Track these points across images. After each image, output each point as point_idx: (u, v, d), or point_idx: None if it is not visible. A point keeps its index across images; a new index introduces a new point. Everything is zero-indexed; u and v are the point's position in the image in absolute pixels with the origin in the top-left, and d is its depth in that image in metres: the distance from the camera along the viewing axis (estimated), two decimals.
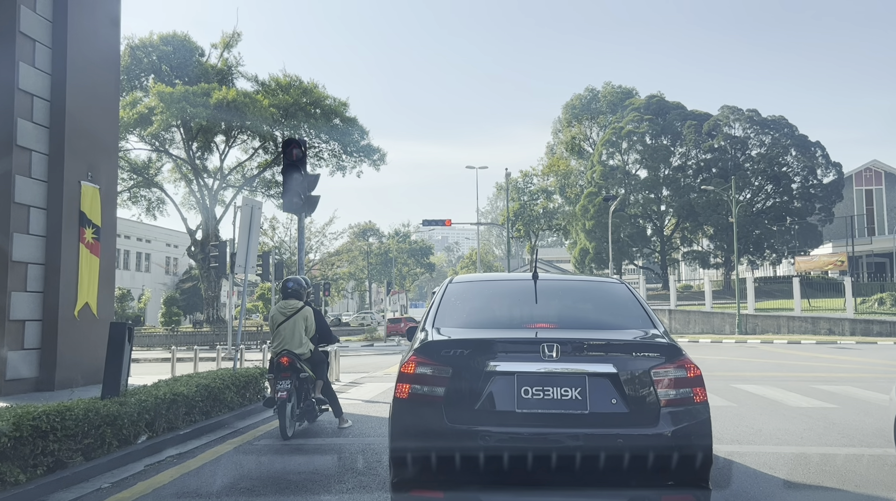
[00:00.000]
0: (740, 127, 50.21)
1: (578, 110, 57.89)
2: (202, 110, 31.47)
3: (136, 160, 39.83)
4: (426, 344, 3.82)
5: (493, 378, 3.64)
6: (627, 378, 3.67)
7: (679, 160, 51.36)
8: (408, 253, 72.51)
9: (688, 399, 3.71)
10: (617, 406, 3.63)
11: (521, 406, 3.60)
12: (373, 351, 27.78)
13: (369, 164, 39.02)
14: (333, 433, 7.10)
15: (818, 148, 48.58)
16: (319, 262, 54.24)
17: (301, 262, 11.42)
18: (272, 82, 36.94)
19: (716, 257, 51.68)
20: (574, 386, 3.64)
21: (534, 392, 3.62)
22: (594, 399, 3.62)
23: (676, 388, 3.71)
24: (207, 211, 38.49)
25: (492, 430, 3.55)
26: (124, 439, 5.51)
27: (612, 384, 3.66)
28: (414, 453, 3.62)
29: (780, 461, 5.74)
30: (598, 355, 3.73)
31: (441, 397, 3.63)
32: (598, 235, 50.12)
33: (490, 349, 3.74)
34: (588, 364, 3.68)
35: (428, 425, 3.61)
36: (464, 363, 3.68)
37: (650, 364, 3.72)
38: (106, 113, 12.45)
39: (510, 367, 3.65)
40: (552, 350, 3.69)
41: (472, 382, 3.64)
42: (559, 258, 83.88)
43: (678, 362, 3.75)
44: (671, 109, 52.74)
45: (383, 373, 15.70)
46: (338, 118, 37.50)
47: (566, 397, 3.62)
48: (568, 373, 3.65)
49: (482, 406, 3.61)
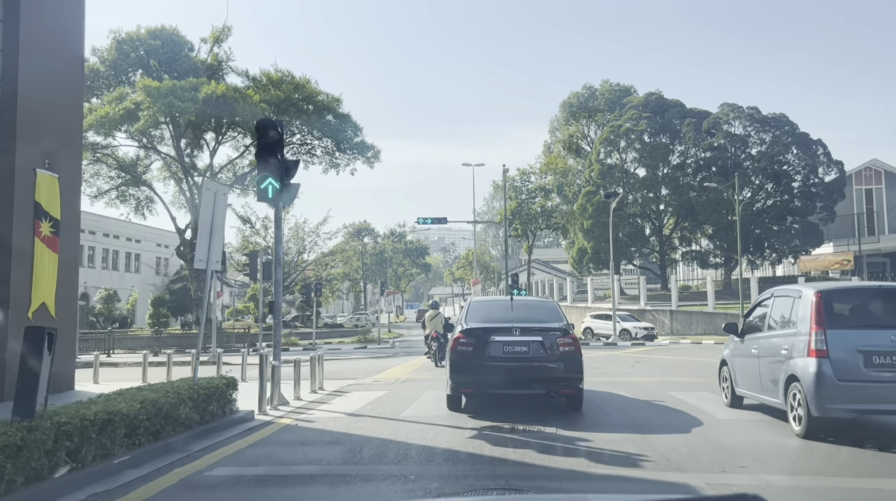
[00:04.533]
0: (740, 125, 49.37)
1: (576, 108, 56.98)
2: (190, 105, 30.41)
3: (125, 158, 38.77)
4: (464, 329, 9.29)
5: (491, 343, 9.01)
6: (547, 343, 9.06)
7: (678, 159, 50.54)
8: (403, 253, 71.54)
9: (572, 352, 9.08)
10: (542, 355, 8.97)
11: (504, 354, 8.98)
12: (365, 354, 26.71)
13: (363, 161, 38.00)
14: (310, 460, 6.14)
15: (819, 146, 47.73)
16: (313, 262, 53.20)
17: (278, 256, 10.44)
18: (263, 77, 35.88)
19: (716, 257, 50.83)
20: (525, 346, 9.01)
21: (508, 349, 8.98)
22: (533, 352, 9.01)
23: (567, 347, 9.06)
24: (196, 209, 37.43)
25: (490, 364, 8.89)
26: (35, 473, 4.48)
27: (540, 345, 9.04)
28: (460, 374, 9.12)
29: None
30: (535, 333, 9.10)
31: (471, 350, 9.03)
32: (597, 234, 49.21)
33: (490, 331, 9.14)
34: (531, 336, 9.06)
35: (465, 361, 9.06)
36: (479, 336, 9.11)
37: (556, 336, 9.13)
38: (68, 97, 11.44)
39: (499, 338, 9.04)
40: (517, 332, 9.07)
41: (483, 344, 9.02)
42: (556, 259, 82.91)
43: (569, 336, 9.18)
44: (670, 106, 51.89)
45: (372, 380, 14.52)
46: (331, 114, 36.47)
47: (522, 351, 8.99)
48: (523, 341, 9.02)
49: (487, 354, 8.96)
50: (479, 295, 40.21)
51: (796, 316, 8.02)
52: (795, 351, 7.81)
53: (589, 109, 56.82)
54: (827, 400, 7.26)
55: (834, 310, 7.74)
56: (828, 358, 7.40)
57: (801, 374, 7.57)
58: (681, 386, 12.37)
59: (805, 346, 7.62)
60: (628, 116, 50.61)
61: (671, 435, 7.35)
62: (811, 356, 7.48)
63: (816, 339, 7.48)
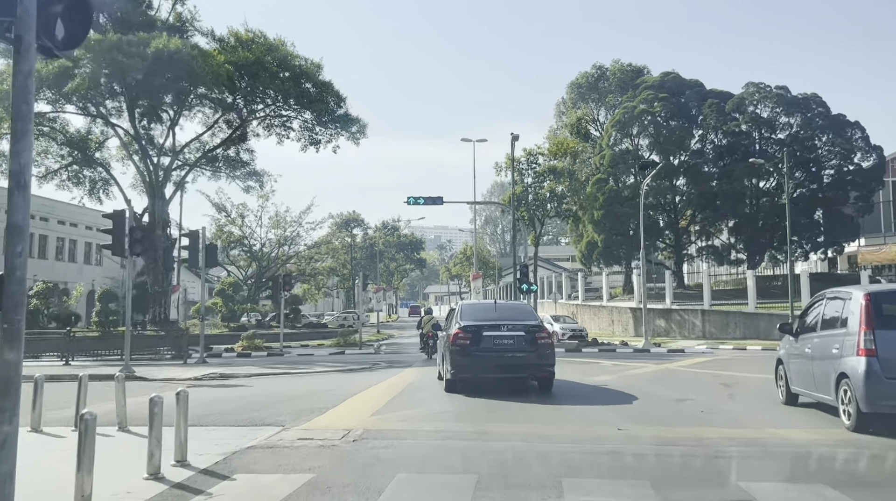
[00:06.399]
0: (768, 105, 44.82)
1: (585, 89, 52.42)
2: (138, 62, 25.59)
3: (74, 133, 33.98)
4: (462, 326, 12.17)
5: (484, 337, 12.01)
6: (527, 336, 12.14)
7: (697, 144, 46.04)
8: (396, 247, 66.62)
9: (547, 344, 12.39)
10: (524, 346, 12.07)
11: (494, 346, 12.04)
12: (336, 364, 20.67)
13: (347, 137, 33.27)
14: None
15: (857, 129, 43.25)
16: (295, 255, 48.45)
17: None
18: (231, 38, 31.13)
19: (738, 252, 46.32)
20: (511, 339, 12.08)
21: (498, 342, 12.04)
22: (517, 343, 12.08)
23: (543, 340, 12.27)
24: (156, 191, 32.65)
25: (483, 354, 11.98)
26: None
27: (523, 338, 12.12)
28: (459, 363, 11.98)
29: None
30: (518, 329, 12.23)
31: (468, 343, 11.94)
32: (608, 226, 44.64)
33: (482, 327, 12.15)
34: (514, 332, 12.15)
35: (463, 352, 11.98)
36: (474, 332, 12.07)
37: (535, 331, 12.28)
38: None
39: (489, 333, 12.05)
40: (504, 328, 12.21)
41: (476, 339, 11.99)
42: (557, 256, 78.54)
43: (544, 331, 12.60)
44: (688, 87, 47.37)
45: (298, 438, 8.06)
46: (310, 83, 31.75)
47: (509, 342, 12.07)
48: (508, 335, 12.10)
49: (480, 346, 11.97)
50: (479, 291, 35.67)
51: (847, 317, 8.46)
52: (846, 350, 8.32)
53: (598, 90, 52.24)
54: (875, 397, 7.79)
55: (883, 311, 8.14)
56: (876, 357, 7.92)
57: (851, 372, 8.10)
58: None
59: (855, 345, 8.12)
60: (642, 97, 45.99)
61: None
62: (860, 355, 8.01)
63: (865, 339, 8.02)
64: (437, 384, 13.79)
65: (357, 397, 12.29)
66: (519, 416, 9.95)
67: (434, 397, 12.03)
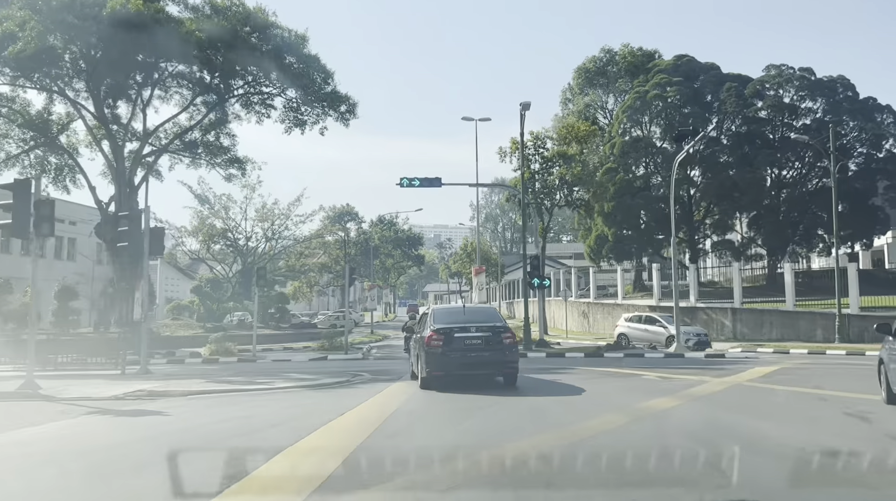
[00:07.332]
0: (790, 89, 41.70)
1: (593, 74, 49.22)
2: (92, 25, 22.43)
3: (37, 116, 30.82)
4: (434, 329, 13.33)
5: (454, 338, 13.21)
6: (493, 337, 13.46)
7: (713, 131, 42.91)
8: (393, 243, 63.38)
9: (512, 343, 13.75)
10: (491, 345, 13.39)
11: (464, 346, 13.31)
12: (311, 375, 16.24)
13: (336, 118, 30.04)
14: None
15: (888, 113, 40.18)
16: (283, 250, 45.29)
17: None
18: (206, 6, 27.94)
19: (758, 247, 43.27)
20: (478, 340, 13.40)
21: (468, 342, 13.33)
22: (484, 343, 13.41)
23: (507, 340, 13.55)
24: (123, 177, 29.51)
25: (454, 354, 13.11)
26: None
27: (490, 338, 13.44)
28: (433, 362, 12.99)
29: None
30: (485, 329, 13.55)
31: (441, 344, 13.09)
32: (620, 219, 41.57)
33: (453, 329, 13.36)
34: (482, 333, 13.47)
35: (437, 352, 13.03)
36: (446, 334, 13.23)
37: (500, 331, 13.64)
38: None
39: (460, 334, 13.30)
40: (472, 330, 13.48)
41: (448, 340, 13.17)
42: (560, 254, 75.32)
43: (509, 331, 13.83)
44: (703, 71, 44.32)
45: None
46: (293, 56, 28.59)
47: (477, 342, 13.38)
48: (477, 336, 13.42)
49: (452, 346, 13.17)
50: (483, 287, 32.53)
51: None
52: None
53: (607, 75, 49.07)
54: None
55: None
56: None
57: None
58: None
59: None
60: (655, 82, 42.84)
61: None
62: None
63: None
64: (432, 413, 10.61)
65: (300, 445, 7.63)
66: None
67: (427, 439, 8.35)
